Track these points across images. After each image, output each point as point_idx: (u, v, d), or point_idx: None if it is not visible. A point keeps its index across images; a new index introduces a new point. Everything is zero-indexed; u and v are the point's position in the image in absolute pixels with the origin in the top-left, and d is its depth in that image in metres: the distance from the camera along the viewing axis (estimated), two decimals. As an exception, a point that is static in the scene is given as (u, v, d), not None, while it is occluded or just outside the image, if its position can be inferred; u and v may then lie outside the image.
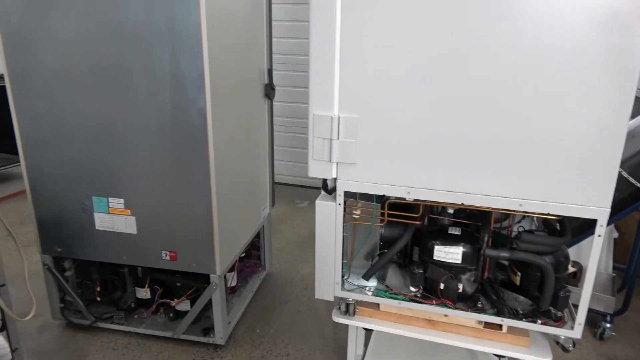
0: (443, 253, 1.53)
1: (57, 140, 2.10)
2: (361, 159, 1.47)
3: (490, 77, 1.30)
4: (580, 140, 1.28)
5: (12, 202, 4.22)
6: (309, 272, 3.17)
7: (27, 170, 2.19)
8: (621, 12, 1.17)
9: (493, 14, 1.25)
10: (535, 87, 1.27)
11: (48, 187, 2.19)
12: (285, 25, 4.29)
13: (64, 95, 2.03)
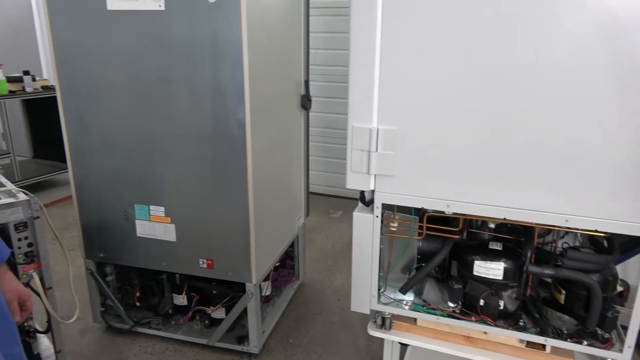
0: (483, 269, 1.49)
1: (102, 149, 2.18)
2: (400, 171, 1.46)
3: (533, 88, 1.27)
4: (630, 154, 1.23)
5: (58, 208, 4.40)
6: (342, 282, 3.16)
7: (74, 177, 2.28)
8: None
9: (537, 27, 1.23)
10: (582, 97, 1.23)
11: (93, 194, 2.27)
12: (321, 36, 4.33)
13: (110, 107, 2.11)
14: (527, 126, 1.30)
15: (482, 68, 1.30)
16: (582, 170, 1.28)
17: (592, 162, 1.27)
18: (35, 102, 4.94)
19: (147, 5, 1.91)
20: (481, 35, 1.28)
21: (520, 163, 1.33)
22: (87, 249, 2.39)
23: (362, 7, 1.37)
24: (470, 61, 1.31)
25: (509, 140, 1.33)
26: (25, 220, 1.85)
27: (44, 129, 5.21)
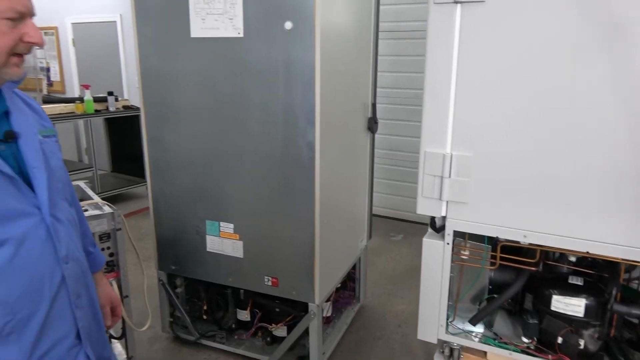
0: (562, 304, 1.42)
1: (179, 166, 2.31)
2: (473, 198, 1.43)
3: (619, 113, 1.20)
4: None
5: (132, 220, 4.66)
6: (403, 308, 3.09)
7: (152, 192, 2.42)
8: None
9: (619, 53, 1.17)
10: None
11: (169, 208, 2.40)
12: (387, 59, 4.35)
13: (189, 127, 2.23)
14: (612, 153, 1.23)
15: (563, 96, 1.26)
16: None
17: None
18: (116, 120, 5.32)
19: (227, 32, 2.02)
20: (558, 62, 1.24)
21: (605, 192, 1.26)
22: (160, 261, 2.51)
23: (439, 33, 1.38)
24: (549, 87, 1.27)
25: (592, 168, 1.27)
26: (109, 232, 1.98)
27: (122, 145, 5.58)
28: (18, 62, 0.99)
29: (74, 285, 1.11)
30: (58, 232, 1.07)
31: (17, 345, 1.01)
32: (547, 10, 1.24)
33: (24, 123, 1.06)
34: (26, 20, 0.98)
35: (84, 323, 1.16)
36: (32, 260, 1.02)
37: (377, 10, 2.60)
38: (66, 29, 6.59)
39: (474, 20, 1.33)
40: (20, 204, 1.01)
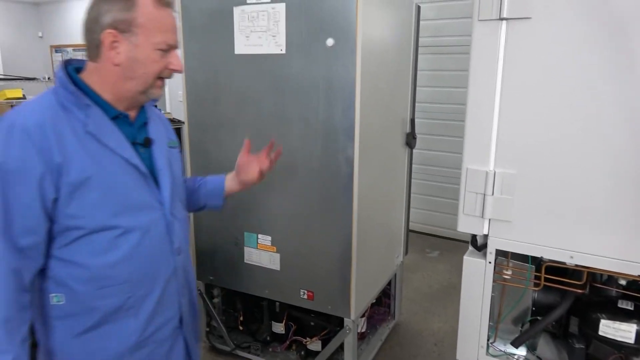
0: (611, 329, 1.36)
1: (220, 179, 2.36)
2: (517, 216, 1.39)
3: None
4: None
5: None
6: (439, 327, 3.03)
7: (193, 203, 2.48)
8: None
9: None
10: None
11: (208, 219, 2.45)
12: (425, 74, 4.34)
13: (230, 140, 2.29)
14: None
15: (614, 113, 1.23)
16: None
17: None
18: (158, 133, 5.50)
19: (270, 49, 2.07)
20: (612, 78, 1.21)
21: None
22: (199, 271, 2.56)
23: (483, 50, 1.37)
24: (601, 105, 1.24)
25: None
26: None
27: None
28: (160, 84, 1.19)
29: (181, 275, 1.30)
30: (174, 226, 1.25)
31: (134, 320, 1.19)
32: (596, 26, 1.22)
33: (157, 133, 1.27)
34: (172, 51, 1.17)
35: (186, 310, 1.33)
36: (152, 247, 1.20)
37: (417, 26, 2.61)
38: (114, 45, 6.89)
39: (519, 37, 1.32)
40: (149, 198, 1.20)
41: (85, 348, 1.17)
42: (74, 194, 1.08)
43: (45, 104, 1.09)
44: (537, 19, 1.29)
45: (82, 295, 1.14)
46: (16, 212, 1.04)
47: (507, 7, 1.31)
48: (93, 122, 1.11)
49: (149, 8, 1.11)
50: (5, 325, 1.04)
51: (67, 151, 1.06)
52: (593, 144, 1.27)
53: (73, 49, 7.53)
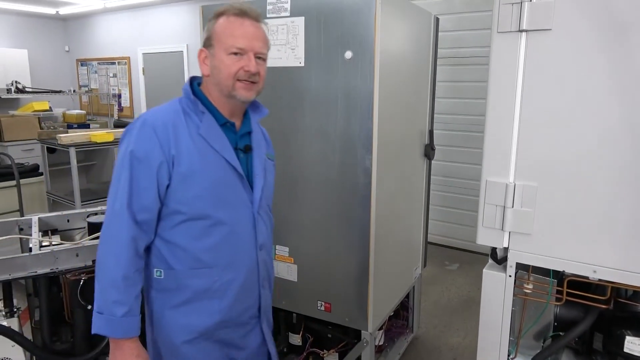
0: (637, 346, 1.32)
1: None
2: (538, 229, 1.37)
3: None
4: None
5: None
6: (459, 341, 2.98)
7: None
8: None
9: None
10: None
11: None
12: (444, 85, 4.33)
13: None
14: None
15: (634, 125, 1.20)
16: None
17: None
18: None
19: (289, 62, 2.10)
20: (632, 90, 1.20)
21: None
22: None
23: (503, 62, 1.37)
24: (622, 116, 1.22)
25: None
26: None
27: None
28: (242, 86, 1.30)
29: (263, 268, 1.43)
30: (260, 225, 1.40)
31: (219, 302, 1.35)
32: (617, 38, 1.21)
33: (258, 143, 1.44)
34: (248, 54, 1.28)
35: (264, 302, 1.46)
36: (239, 240, 1.36)
37: (435, 37, 2.61)
38: (137, 58, 7.07)
39: (539, 49, 1.31)
40: (242, 197, 1.36)
41: (177, 320, 1.34)
42: (182, 183, 1.28)
43: (171, 109, 1.33)
44: (557, 31, 1.28)
45: (178, 273, 1.32)
46: (138, 191, 1.25)
47: (527, 18, 1.30)
48: (205, 127, 1.31)
49: (223, 21, 1.30)
50: (124, 282, 1.24)
51: (181, 147, 1.27)
52: (615, 156, 1.25)
53: (98, 63, 7.74)
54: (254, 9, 1.33)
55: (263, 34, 1.34)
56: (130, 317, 1.25)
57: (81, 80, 8.13)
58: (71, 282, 1.89)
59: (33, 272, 1.79)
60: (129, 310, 1.25)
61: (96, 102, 7.87)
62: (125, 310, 1.24)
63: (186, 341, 1.35)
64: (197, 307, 1.34)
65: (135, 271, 1.27)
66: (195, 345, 1.36)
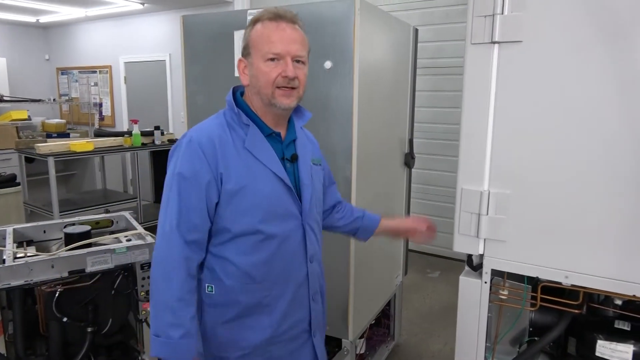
0: (608, 350, 1.35)
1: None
2: (512, 236, 1.40)
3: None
4: None
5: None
6: (439, 348, 3.00)
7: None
8: None
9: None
10: None
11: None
12: (424, 94, 4.39)
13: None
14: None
15: (605, 133, 1.24)
16: None
17: None
18: (160, 153, 5.55)
19: (269, 71, 2.11)
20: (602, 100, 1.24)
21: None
22: (197, 291, 2.55)
23: (476, 72, 1.40)
24: (592, 126, 1.26)
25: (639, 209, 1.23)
26: (150, 261, 2.05)
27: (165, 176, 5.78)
28: (282, 93, 1.26)
29: (313, 281, 1.39)
30: (310, 236, 1.36)
31: (268, 317, 1.32)
32: (585, 48, 1.25)
33: (303, 150, 1.40)
34: (285, 59, 1.24)
35: (316, 315, 1.42)
36: (288, 253, 1.33)
37: (414, 48, 2.66)
38: (119, 67, 7.02)
39: (511, 60, 1.35)
40: (291, 209, 1.32)
41: (229, 335, 1.32)
42: (231, 200, 1.25)
43: (216, 123, 1.30)
44: (527, 43, 1.32)
45: (229, 288, 1.30)
46: (187, 211, 1.23)
47: (499, 31, 1.34)
48: (250, 139, 1.28)
49: (258, 27, 1.26)
50: (178, 304, 1.21)
51: (228, 163, 1.25)
52: (587, 164, 1.28)
53: (79, 71, 7.66)
54: (290, 11, 1.27)
55: (301, 36, 1.28)
56: (187, 338, 1.22)
57: (61, 89, 8.03)
58: (46, 294, 1.86)
59: (6, 284, 1.75)
60: (186, 332, 1.22)
61: (77, 111, 7.78)
62: (182, 333, 1.21)
63: (238, 357, 1.33)
64: (248, 323, 1.32)
65: (188, 292, 1.24)
66: (246, 359, 1.34)
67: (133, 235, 2.15)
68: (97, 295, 1.99)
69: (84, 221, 2.26)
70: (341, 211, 1.64)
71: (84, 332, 1.96)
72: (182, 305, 1.22)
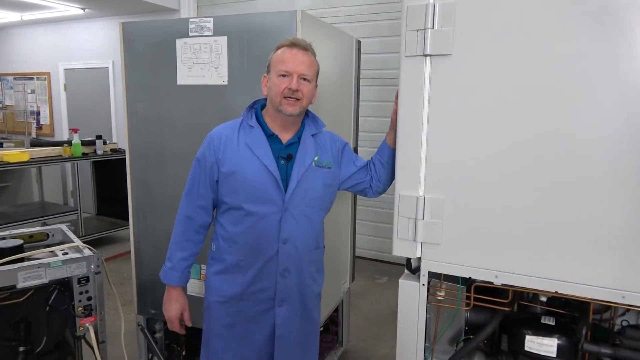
0: (535, 344, 1.44)
1: (162, 210, 2.33)
2: (447, 239, 1.47)
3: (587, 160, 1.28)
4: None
5: (114, 264, 4.61)
6: (387, 352, 3.06)
7: (134, 235, 2.43)
8: None
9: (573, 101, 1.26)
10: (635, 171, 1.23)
11: (150, 251, 2.40)
12: (370, 104, 4.50)
13: (173, 171, 2.27)
14: (580, 199, 1.29)
15: (529, 141, 1.34)
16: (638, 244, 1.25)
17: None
18: (103, 163, 5.35)
19: (212, 80, 2.10)
20: (526, 108, 1.33)
21: (572, 235, 1.32)
22: (140, 304, 2.48)
23: (410, 83, 1.46)
24: (518, 133, 1.35)
25: (560, 212, 1.32)
26: (88, 275, 1.97)
27: (109, 188, 5.58)
28: (286, 102, 1.58)
29: (284, 260, 1.64)
30: (288, 221, 1.62)
31: (242, 277, 1.66)
32: (509, 60, 1.34)
33: (304, 152, 1.66)
34: (292, 76, 1.57)
35: (282, 289, 1.66)
36: (263, 230, 1.62)
37: (358, 58, 2.73)
38: (59, 74, 6.72)
39: (442, 71, 1.42)
40: (274, 196, 1.60)
41: (215, 284, 1.72)
42: (226, 180, 1.63)
43: (230, 124, 1.69)
44: (457, 55, 1.40)
45: (221, 248, 1.69)
46: (198, 183, 1.67)
47: (430, 44, 1.41)
48: (251, 138, 1.63)
49: (278, 52, 1.62)
50: (175, 246, 1.72)
51: (227, 153, 1.63)
52: (512, 170, 1.37)
53: (14, 78, 7.26)
54: (304, 40, 1.65)
55: (309, 60, 1.62)
56: (173, 271, 1.71)
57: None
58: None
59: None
60: (173, 266, 1.71)
61: (12, 119, 7.35)
62: (170, 265, 1.71)
63: (215, 301, 1.71)
64: (228, 277, 1.68)
65: (184, 240, 1.71)
66: (222, 306, 1.70)
67: (70, 248, 2.07)
68: (30, 313, 1.88)
69: (15, 235, 2.14)
70: (374, 171, 1.84)
71: (16, 352, 1.85)
72: (177, 247, 1.72)
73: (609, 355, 1.35)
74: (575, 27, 1.25)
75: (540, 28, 1.29)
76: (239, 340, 1.71)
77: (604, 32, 1.23)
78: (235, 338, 1.71)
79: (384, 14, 4.57)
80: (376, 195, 1.88)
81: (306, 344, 1.80)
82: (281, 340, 1.71)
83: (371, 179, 1.84)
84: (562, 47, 1.27)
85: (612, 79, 1.23)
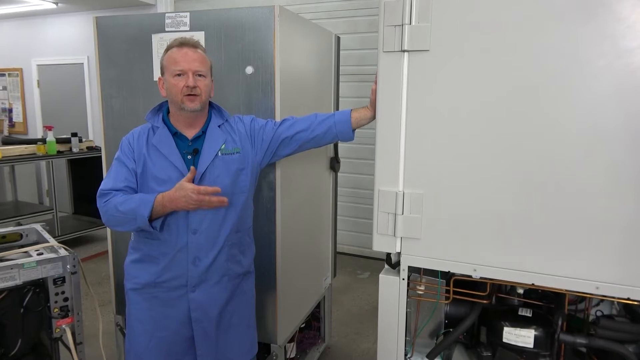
0: (513, 336, 1.46)
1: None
2: (426, 234, 1.48)
3: (558, 156, 1.30)
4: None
5: (92, 263, 4.52)
6: (369, 347, 3.08)
7: (112, 234, 2.39)
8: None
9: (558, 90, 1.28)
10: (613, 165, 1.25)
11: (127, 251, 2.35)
12: (350, 101, 4.49)
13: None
14: (555, 193, 1.32)
15: (506, 136, 1.35)
16: (612, 237, 1.27)
17: (623, 229, 1.26)
18: (79, 161, 5.24)
19: (189, 76, 2.07)
20: (503, 104, 1.34)
21: (548, 228, 1.34)
22: (118, 305, 2.44)
23: (388, 79, 1.47)
24: (495, 129, 1.36)
25: (536, 206, 1.34)
26: (64, 275, 1.93)
27: (84, 186, 5.47)
28: (187, 99, 1.66)
29: (194, 250, 1.73)
30: (196, 213, 1.69)
31: (155, 266, 1.75)
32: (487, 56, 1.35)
33: (209, 144, 1.73)
34: (187, 74, 1.64)
35: (193, 276, 1.74)
36: (172, 223, 1.70)
37: (337, 54, 2.72)
38: (31, 70, 6.55)
39: (420, 67, 1.43)
40: None
41: (132, 271, 1.82)
42: (140, 175, 1.72)
43: (142, 127, 1.78)
44: (434, 51, 1.40)
45: (138, 238, 1.79)
46: (119, 171, 1.72)
47: (407, 40, 1.41)
48: (157, 138, 1.72)
49: (169, 53, 1.68)
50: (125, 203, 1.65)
51: (140, 151, 1.72)
52: (489, 165, 1.38)
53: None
54: (191, 39, 1.70)
55: (200, 56, 1.68)
56: (143, 201, 1.64)
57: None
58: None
59: None
60: (141, 200, 1.65)
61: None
62: (137, 204, 1.63)
63: (132, 289, 1.81)
64: (142, 266, 1.78)
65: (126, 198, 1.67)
66: (137, 292, 1.79)
67: (45, 248, 2.02)
68: (4, 315, 1.84)
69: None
70: (304, 131, 1.85)
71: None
72: (126, 200, 1.65)
73: (584, 345, 1.38)
74: (555, 22, 1.27)
75: (518, 23, 1.30)
76: (154, 323, 1.78)
77: (584, 28, 1.25)
78: (151, 321, 1.78)
79: (362, 9, 4.57)
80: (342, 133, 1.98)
81: (229, 323, 1.84)
82: (198, 322, 1.78)
83: (294, 134, 1.85)
84: (541, 42, 1.28)
85: (589, 73, 1.25)
